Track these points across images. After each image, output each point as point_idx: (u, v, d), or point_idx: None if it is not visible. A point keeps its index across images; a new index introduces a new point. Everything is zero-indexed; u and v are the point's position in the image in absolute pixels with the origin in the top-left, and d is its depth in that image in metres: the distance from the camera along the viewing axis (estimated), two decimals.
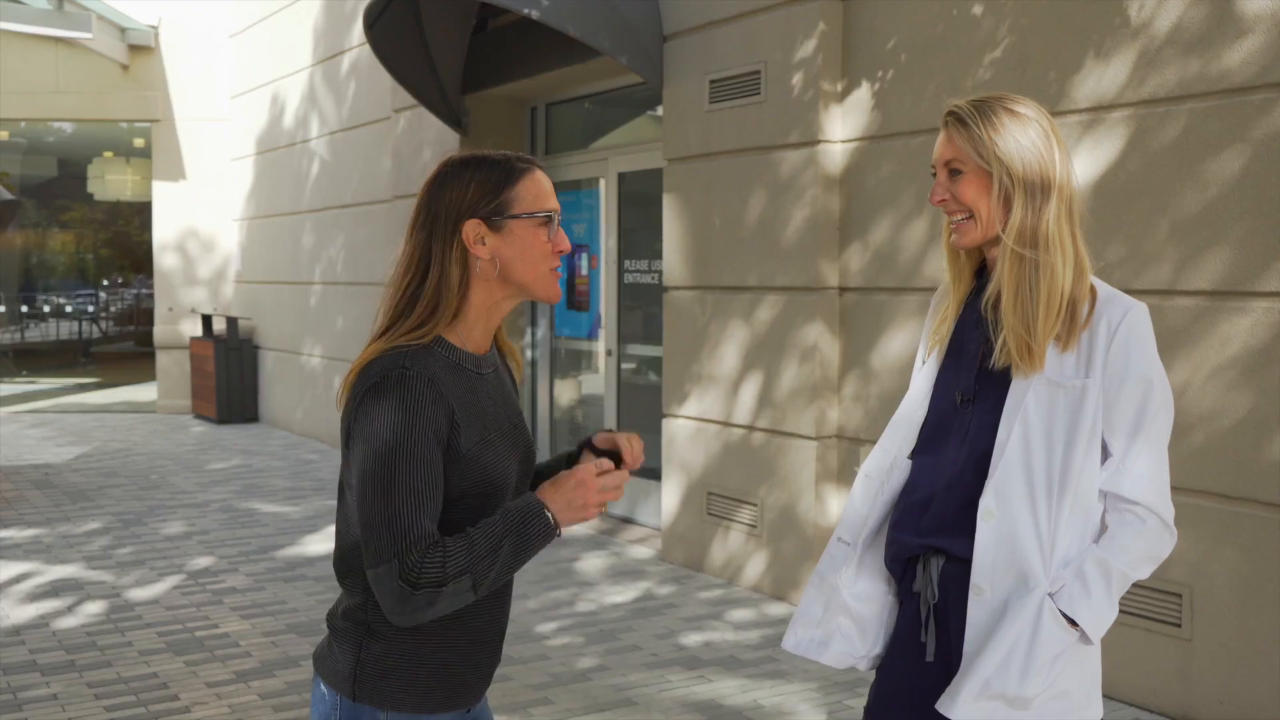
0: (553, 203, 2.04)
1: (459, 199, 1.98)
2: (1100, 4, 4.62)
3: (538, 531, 1.92)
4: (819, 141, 5.77)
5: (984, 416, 2.22)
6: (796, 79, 5.87)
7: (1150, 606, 4.49)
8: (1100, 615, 2.14)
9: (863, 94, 5.69)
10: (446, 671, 2.03)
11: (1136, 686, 4.55)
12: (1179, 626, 4.41)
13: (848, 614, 2.38)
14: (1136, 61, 4.50)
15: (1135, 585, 4.50)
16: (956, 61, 5.20)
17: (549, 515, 1.93)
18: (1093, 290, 2.18)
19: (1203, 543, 4.34)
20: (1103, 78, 4.61)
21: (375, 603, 1.98)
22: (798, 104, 5.87)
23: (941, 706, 2.18)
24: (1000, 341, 2.18)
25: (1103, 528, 2.22)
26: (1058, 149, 2.20)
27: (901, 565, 2.33)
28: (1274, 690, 4.16)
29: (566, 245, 2.05)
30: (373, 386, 1.90)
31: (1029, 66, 4.88)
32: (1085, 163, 4.68)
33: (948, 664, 2.24)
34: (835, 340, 5.84)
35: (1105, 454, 2.18)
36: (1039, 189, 2.16)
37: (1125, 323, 2.14)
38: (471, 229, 1.98)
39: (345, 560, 2.03)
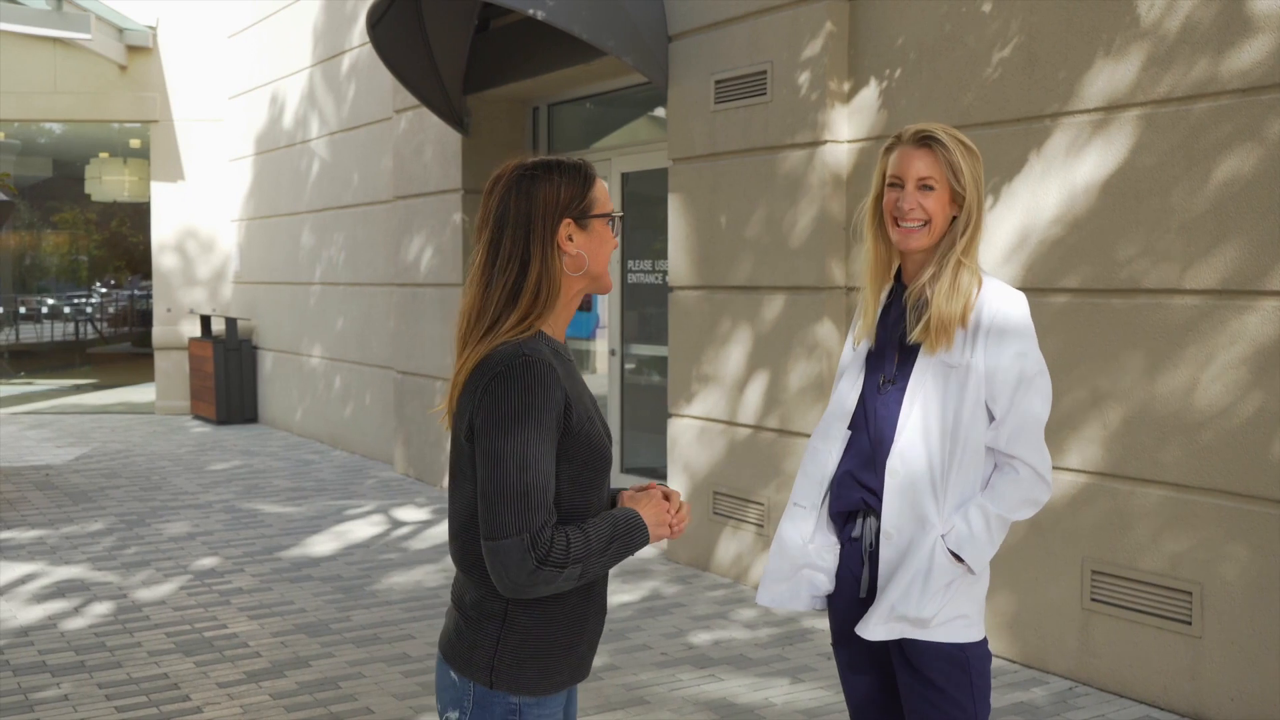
0: (614, 203, 2.20)
1: (553, 199, 2.14)
2: (1110, 3, 4.63)
3: (638, 541, 2.15)
4: (825, 141, 5.78)
5: (899, 395, 2.71)
6: (803, 79, 5.89)
7: (1161, 604, 4.51)
8: (981, 551, 2.63)
9: (870, 94, 5.70)
10: (572, 652, 2.17)
11: (1147, 684, 4.57)
12: (1189, 624, 4.42)
13: (811, 566, 2.81)
14: (1146, 61, 4.52)
15: (1145, 582, 4.53)
16: (964, 61, 5.21)
17: (647, 529, 2.15)
18: (980, 281, 2.67)
19: (1213, 540, 4.35)
20: (1112, 77, 4.62)
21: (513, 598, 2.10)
22: (804, 104, 5.88)
23: (859, 630, 2.69)
24: (923, 323, 2.63)
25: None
26: (982, 175, 2.73)
27: (843, 518, 2.80)
28: None
29: (617, 241, 2.26)
30: (499, 374, 2.05)
31: (1038, 66, 4.89)
32: (1095, 162, 4.69)
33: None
34: (841, 339, 5.85)
35: (991, 418, 2.64)
36: (980, 213, 2.70)
37: (1002, 307, 2.63)
38: (565, 228, 2.15)
39: (471, 550, 2.14)
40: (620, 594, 6.16)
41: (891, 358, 2.75)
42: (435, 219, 9.18)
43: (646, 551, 7.03)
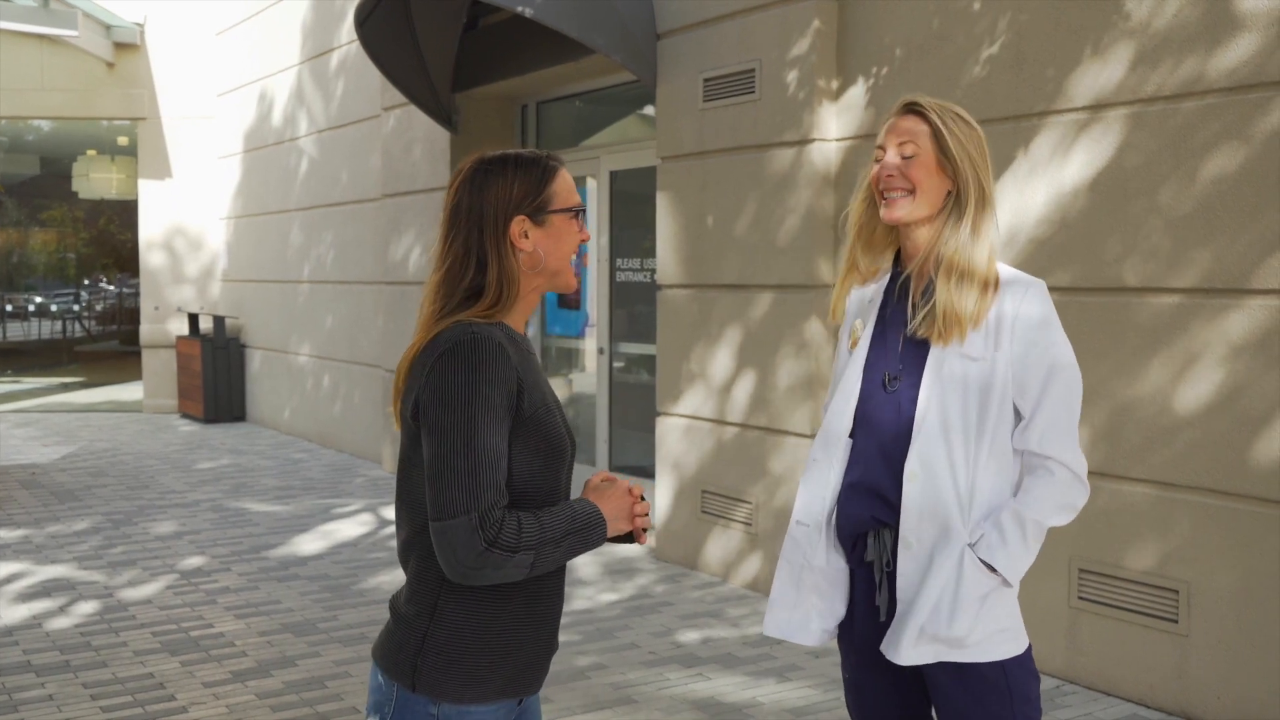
0: (578, 196, 2.17)
1: (505, 196, 2.09)
2: (1098, 2, 4.63)
3: (596, 538, 2.06)
4: (814, 140, 5.78)
5: (909, 393, 2.46)
6: (791, 77, 5.88)
7: (1147, 603, 4.51)
8: (1016, 561, 2.39)
9: (858, 92, 5.70)
10: (504, 660, 2.04)
11: (1134, 682, 4.58)
12: (1176, 622, 4.43)
13: (818, 591, 2.58)
14: (1134, 60, 4.52)
15: (1132, 581, 4.53)
16: (953, 59, 5.21)
17: (605, 526, 2.07)
18: (996, 273, 2.45)
19: (1200, 539, 4.36)
20: (1100, 76, 4.63)
21: (445, 589, 2.01)
22: (792, 102, 5.88)
23: (887, 653, 2.43)
24: (925, 314, 2.42)
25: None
26: (988, 157, 2.50)
27: (852, 539, 2.54)
28: (1271, 686, 4.18)
29: (588, 234, 2.19)
30: (445, 352, 1.98)
31: (1026, 64, 4.89)
32: (1082, 161, 4.69)
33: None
34: (830, 337, 5.85)
35: (1018, 419, 2.43)
36: (981, 186, 2.45)
37: (1027, 298, 2.41)
38: (518, 224, 2.09)
39: (409, 538, 2.07)
40: (608, 592, 6.15)
41: (895, 351, 2.51)
42: (424, 217, 9.16)
43: (634, 550, 7.01)
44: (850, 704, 2.66)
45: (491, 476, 1.94)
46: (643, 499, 2.17)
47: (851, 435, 2.54)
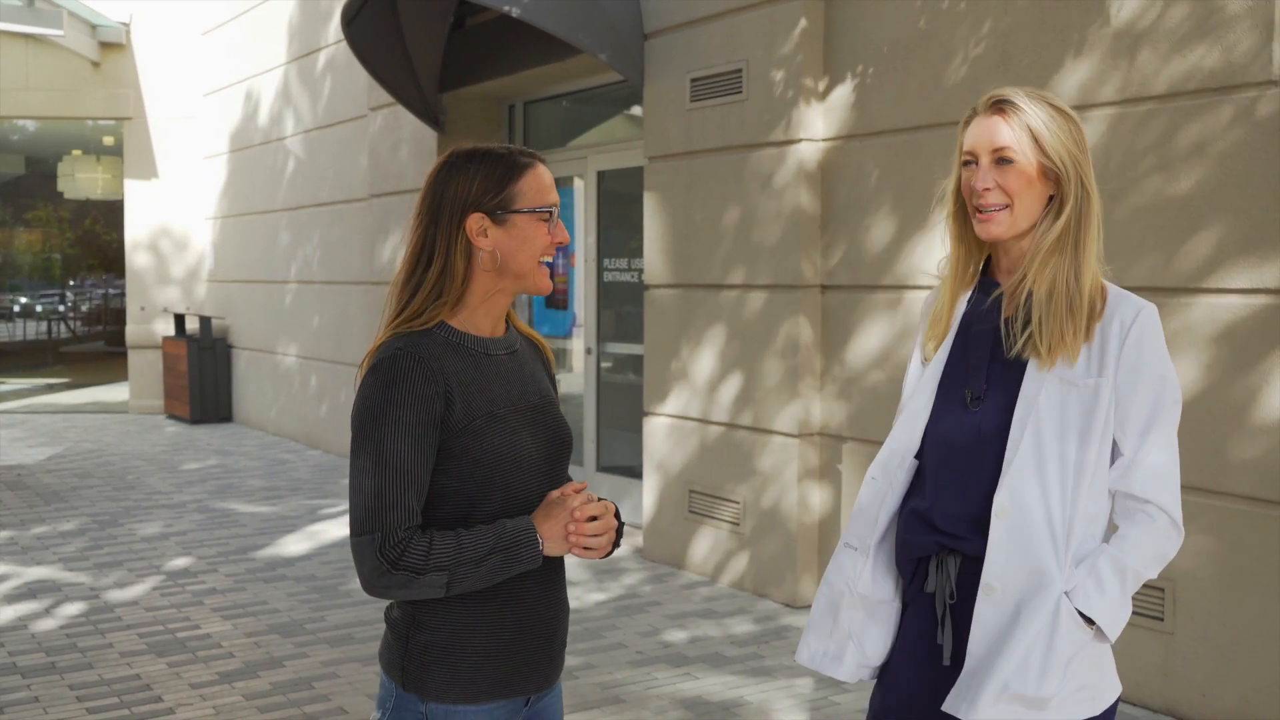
0: (553, 196, 2.09)
1: (464, 192, 2.04)
2: (1082, 2, 4.65)
3: (525, 557, 2.01)
4: (801, 140, 5.79)
5: (995, 415, 2.20)
6: (778, 77, 5.89)
7: (1134, 601, 4.52)
8: (1116, 613, 2.14)
9: (844, 91, 5.70)
10: (491, 661, 2.05)
11: (1120, 680, 4.58)
12: (1161, 620, 4.45)
13: (863, 620, 2.33)
14: (1118, 60, 4.54)
15: None
16: (939, 59, 5.22)
17: (539, 544, 2.01)
18: (1103, 289, 2.21)
19: (1186, 537, 4.37)
20: (1085, 76, 4.64)
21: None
22: (779, 102, 5.88)
23: (957, 710, 2.14)
24: (1027, 335, 2.17)
25: (1111, 527, 2.22)
26: (1088, 152, 2.23)
27: (912, 565, 2.29)
28: (1256, 683, 4.20)
29: (565, 237, 2.11)
30: (369, 369, 2.00)
31: (1011, 64, 4.91)
32: None
33: (960, 666, 2.21)
34: (817, 338, 5.86)
35: (1115, 453, 2.18)
36: (1084, 189, 2.19)
37: (1138, 322, 2.16)
38: (475, 222, 2.04)
39: None
40: (595, 592, 6.15)
41: (980, 368, 2.25)
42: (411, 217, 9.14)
43: (620, 549, 7.01)
44: None
45: (397, 497, 1.94)
46: (615, 519, 2.11)
47: (918, 456, 2.30)
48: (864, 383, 5.66)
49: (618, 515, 2.14)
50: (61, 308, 23.87)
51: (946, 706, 2.15)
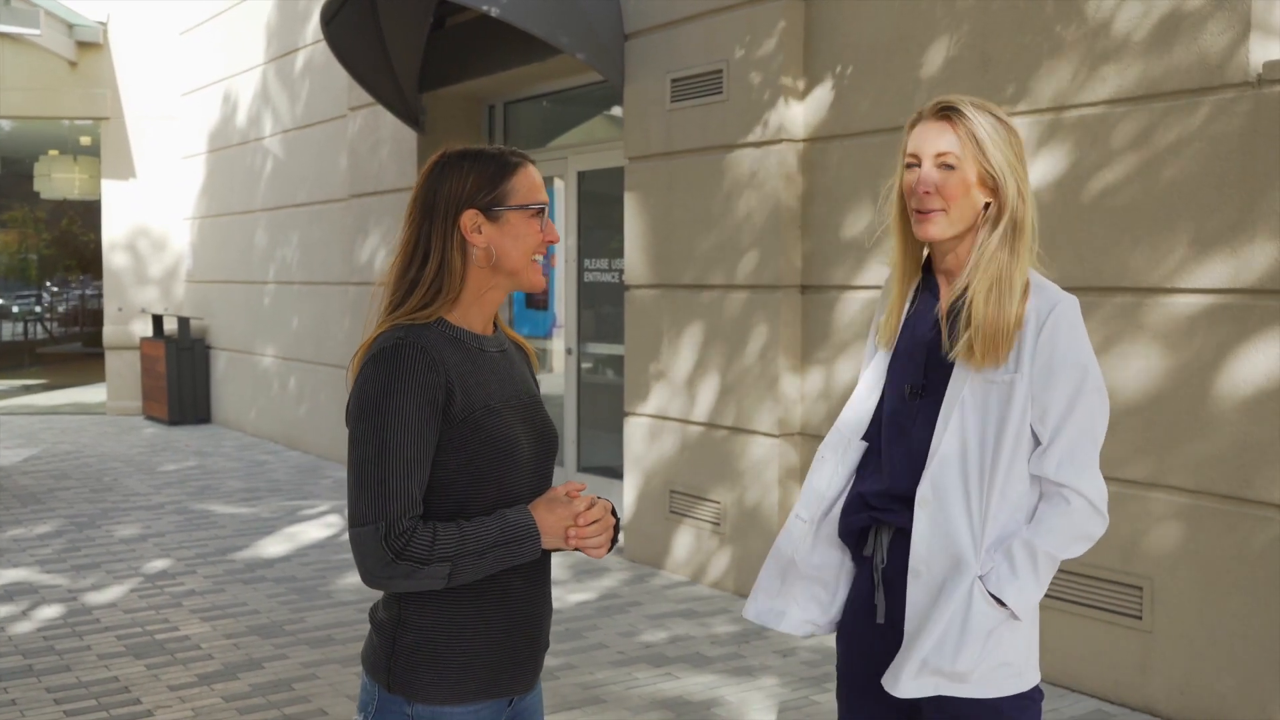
0: (544, 195, 2.13)
1: (458, 189, 2.07)
2: (1061, 5, 4.67)
3: (526, 551, 2.03)
4: (781, 140, 5.80)
5: (929, 410, 2.36)
6: (758, 77, 5.90)
7: (1111, 599, 4.55)
8: (1026, 594, 2.27)
9: (824, 92, 5.72)
10: (478, 661, 2.06)
11: (1098, 678, 4.62)
12: (1140, 619, 4.47)
13: (805, 584, 2.52)
14: (1096, 61, 4.56)
15: (1096, 578, 4.57)
16: (918, 60, 5.24)
17: (540, 538, 2.04)
18: (1027, 284, 2.31)
19: (1163, 536, 4.40)
20: (1063, 77, 4.67)
21: (409, 594, 2.03)
22: (759, 102, 5.89)
23: (886, 685, 2.33)
24: (965, 336, 2.28)
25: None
26: (1025, 163, 2.35)
27: (855, 536, 2.46)
28: (1234, 681, 4.23)
29: (555, 235, 2.15)
30: (370, 358, 2.01)
31: (990, 66, 4.93)
32: (1046, 162, 4.73)
33: (895, 626, 2.39)
34: (797, 337, 5.87)
35: (1036, 443, 2.30)
36: (1021, 198, 2.30)
37: (1053, 314, 2.26)
38: (469, 219, 2.07)
39: None
40: (575, 592, 6.15)
41: (919, 363, 2.39)
42: (391, 218, 9.13)
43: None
44: (841, 701, 2.56)
45: (401, 486, 1.95)
46: (614, 517, 2.14)
47: (866, 437, 2.47)
48: (844, 382, 5.68)
49: (614, 512, 2.17)
50: (38, 308, 23.72)
51: (883, 682, 2.35)
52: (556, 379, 8.32)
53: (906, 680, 2.30)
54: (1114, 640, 4.56)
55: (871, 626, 2.44)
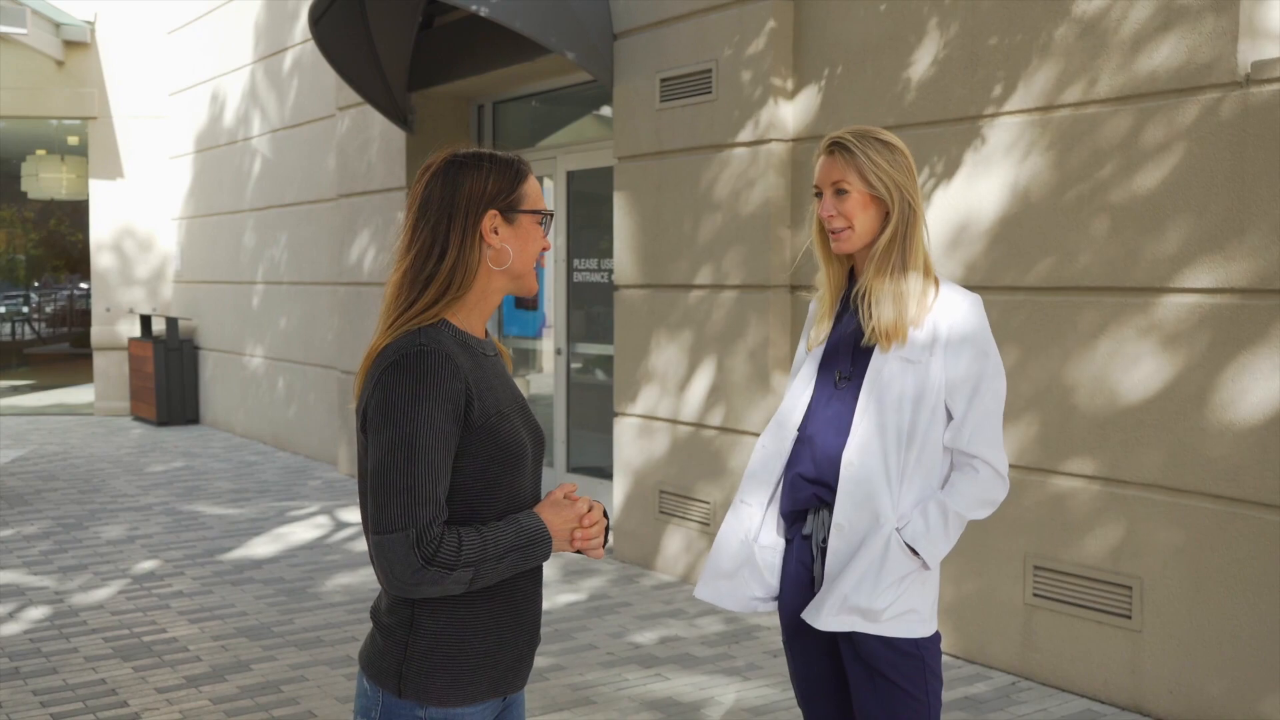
0: (546, 203, 2.20)
1: (480, 189, 2.09)
2: (1050, 4, 4.67)
3: (539, 555, 2.07)
4: (770, 140, 5.79)
5: (854, 392, 2.73)
6: (747, 77, 5.89)
7: (1101, 598, 4.55)
8: (936, 546, 2.65)
9: (813, 91, 5.71)
10: (489, 661, 2.08)
11: (1088, 678, 4.62)
12: (1129, 618, 4.47)
13: (753, 565, 2.83)
14: (1085, 60, 4.56)
15: (1086, 578, 4.57)
16: (907, 60, 5.24)
17: (552, 541, 2.07)
18: (937, 282, 2.73)
19: (1153, 535, 4.41)
20: (1051, 76, 4.67)
21: (421, 599, 2.03)
22: (748, 102, 5.89)
23: (808, 618, 2.68)
24: (871, 325, 2.68)
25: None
26: (913, 173, 2.74)
27: (793, 516, 2.80)
28: (1223, 681, 4.23)
29: (549, 243, 2.19)
30: (392, 364, 1.99)
31: (979, 65, 4.93)
32: (1034, 161, 4.73)
33: None
34: (786, 337, 5.87)
35: (950, 419, 2.68)
36: (908, 206, 2.70)
37: (961, 310, 2.68)
38: (490, 219, 2.09)
39: None
40: (565, 593, 6.14)
41: (847, 355, 2.77)
42: (379, 217, 9.11)
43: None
44: (791, 670, 2.87)
45: (430, 492, 1.95)
46: (604, 517, 2.16)
47: (800, 428, 2.80)
48: None
49: (605, 513, 2.20)
50: (26, 309, 23.61)
51: (804, 615, 2.69)
52: (546, 379, 8.30)
53: (828, 615, 2.64)
54: (1104, 640, 4.56)
55: (809, 593, 2.77)
